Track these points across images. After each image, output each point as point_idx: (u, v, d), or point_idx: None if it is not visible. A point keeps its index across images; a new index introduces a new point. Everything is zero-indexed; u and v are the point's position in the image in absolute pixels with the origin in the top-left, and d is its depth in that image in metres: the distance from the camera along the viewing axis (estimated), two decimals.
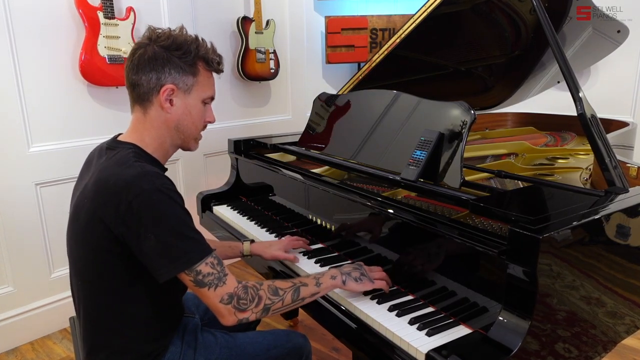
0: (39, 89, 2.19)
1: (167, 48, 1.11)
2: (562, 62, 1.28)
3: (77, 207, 1.11)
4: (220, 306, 1.04)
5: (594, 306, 1.08)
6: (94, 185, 1.06)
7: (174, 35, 1.13)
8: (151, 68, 1.10)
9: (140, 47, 1.12)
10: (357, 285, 1.21)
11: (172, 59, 1.11)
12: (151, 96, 1.13)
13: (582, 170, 1.67)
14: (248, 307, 1.06)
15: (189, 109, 1.16)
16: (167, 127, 1.16)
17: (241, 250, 1.53)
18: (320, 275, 1.20)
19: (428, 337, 1.04)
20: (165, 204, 1.01)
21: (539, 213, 1.02)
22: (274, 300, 1.10)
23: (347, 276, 1.21)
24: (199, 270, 1.02)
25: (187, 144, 1.21)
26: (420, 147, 1.37)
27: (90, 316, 1.13)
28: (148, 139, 1.15)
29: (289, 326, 2.40)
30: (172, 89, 1.12)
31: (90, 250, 1.08)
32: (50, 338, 2.34)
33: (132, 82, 1.13)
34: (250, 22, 2.90)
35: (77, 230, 1.11)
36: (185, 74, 1.13)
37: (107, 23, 2.25)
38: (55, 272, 2.36)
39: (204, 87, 1.17)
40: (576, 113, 1.23)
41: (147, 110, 1.14)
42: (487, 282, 1.06)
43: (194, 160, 2.86)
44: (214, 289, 1.03)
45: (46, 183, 2.26)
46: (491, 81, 2.29)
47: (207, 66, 1.17)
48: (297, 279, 1.17)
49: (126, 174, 1.02)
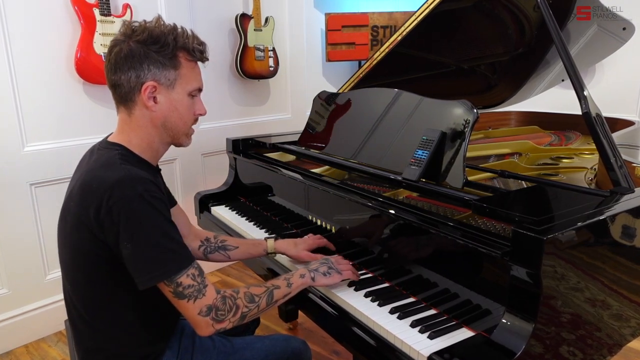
0: (34, 87, 2.19)
1: (144, 43, 1.06)
2: (566, 59, 1.28)
3: (64, 209, 1.11)
4: (199, 318, 1.03)
5: (599, 308, 1.08)
6: (79, 188, 1.05)
7: (149, 28, 1.07)
8: (129, 66, 1.06)
9: (116, 44, 1.08)
10: (326, 279, 1.24)
11: (149, 54, 1.06)
12: (133, 96, 1.09)
13: (587, 170, 1.67)
14: (226, 317, 1.06)
15: (175, 104, 1.12)
16: (154, 126, 1.12)
17: (265, 248, 1.48)
18: (290, 276, 1.21)
19: (430, 340, 1.04)
20: (145, 212, 0.99)
21: (543, 214, 1.02)
22: (250, 307, 1.10)
23: (315, 272, 1.24)
24: (180, 282, 1.00)
25: (177, 140, 1.17)
26: (422, 146, 1.37)
27: (83, 320, 1.12)
28: (135, 140, 1.13)
29: (289, 329, 2.40)
30: (154, 86, 1.08)
31: (78, 254, 1.08)
32: (45, 341, 2.34)
33: (113, 82, 1.10)
34: (249, 19, 2.90)
35: (65, 233, 1.10)
36: (165, 69, 1.08)
37: (103, 20, 2.25)
38: (51, 274, 2.36)
39: (188, 79, 1.12)
40: (581, 112, 1.23)
41: (132, 111, 1.12)
42: (490, 284, 1.06)
43: (192, 160, 2.86)
44: (193, 301, 1.02)
45: (41, 183, 2.26)
46: (494, 79, 2.29)
47: (189, 56, 1.12)
48: (269, 282, 1.18)
49: (109, 177, 1.00)
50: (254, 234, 1.73)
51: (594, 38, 2.12)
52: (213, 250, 1.46)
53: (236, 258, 1.50)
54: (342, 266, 1.29)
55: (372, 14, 3.41)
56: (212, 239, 1.49)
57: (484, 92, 2.37)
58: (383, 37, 3.45)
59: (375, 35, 3.45)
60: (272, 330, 2.39)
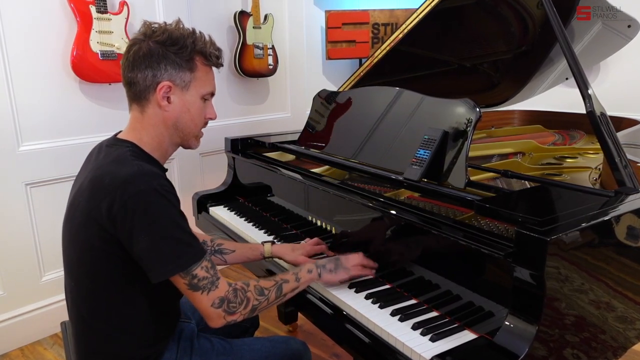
0: (29, 86, 2.19)
1: (163, 43, 1.10)
2: (570, 58, 1.28)
3: (72, 205, 1.12)
4: (211, 310, 1.07)
5: (604, 311, 1.08)
6: (90, 183, 1.07)
7: (169, 30, 1.12)
8: (147, 65, 1.10)
9: (135, 43, 1.12)
10: (332, 276, 1.27)
11: (168, 55, 1.11)
12: (148, 94, 1.13)
13: (591, 170, 1.67)
14: (237, 309, 1.10)
15: (188, 106, 1.16)
16: (166, 126, 1.16)
17: (262, 252, 1.49)
18: (299, 270, 1.25)
19: (432, 343, 1.04)
20: (160, 205, 1.02)
21: (546, 214, 1.02)
22: (261, 300, 1.14)
23: (322, 269, 1.27)
24: (195, 274, 1.04)
25: (187, 142, 1.21)
26: (424, 146, 1.37)
27: (84, 320, 1.13)
28: (146, 138, 1.16)
29: (288, 331, 2.40)
30: (169, 86, 1.12)
31: (84, 251, 1.08)
32: (41, 343, 2.34)
33: (128, 80, 1.13)
34: (248, 16, 2.90)
35: (72, 229, 1.11)
36: (182, 70, 1.12)
37: (99, 17, 2.25)
38: (46, 276, 2.36)
39: (202, 82, 1.16)
40: (585, 111, 1.23)
41: (145, 109, 1.15)
42: (493, 286, 1.06)
43: (190, 160, 2.86)
44: (207, 292, 1.06)
45: (37, 183, 2.26)
46: (497, 78, 2.29)
47: (206, 61, 1.16)
48: (278, 276, 1.22)
49: (122, 172, 1.03)
50: (253, 235, 1.73)
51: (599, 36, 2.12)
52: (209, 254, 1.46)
53: (233, 262, 1.50)
54: (350, 261, 1.30)
55: (373, 11, 3.41)
56: (208, 242, 1.49)
57: (486, 91, 2.37)
58: (384, 34, 3.45)
59: (376, 32, 3.45)
60: (271, 333, 2.39)
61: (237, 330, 1.52)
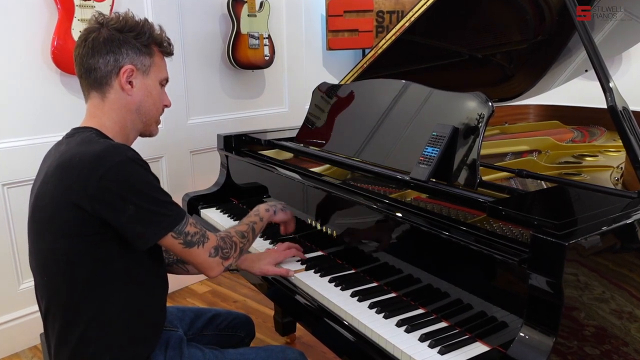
0: (6, 79, 2.19)
1: (121, 30, 1.19)
2: (590, 48, 1.28)
3: (38, 198, 1.15)
4: (210, 260, 1.20)
5: (626, 321, 1.08)
6: (56, 169, 1.11)
7: (125, 18, 1.22)
8: (108, 50, 1.18)
9: (92, 31, 1.19)
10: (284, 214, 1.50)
11: (128, 40, 1.19)
12: (110, 79, 1.20)
13: (613, 169, 1.67)
14: (230, 254, 1.25)
15: (149, 89, 1.25)
16: (129, 110, 1.23)
17: None
18: (257, 212, 1.44)
19: (441, 356, 1.04)
20: (140, 173, 1.10)
21: (564, 217, 1.02)
22: (244, 242, 1.31)
23: (274, 207, 1.48)
24: (187, 232, 1.15)
25: (148, 127, 1.30)
26: (432, 143, 1.37)
27: (59, 322, 1.14)
28: (108, 123, 1.22)
29: (286, 343, 2.40)
30: (132, 69, 1.20)
31: (57, 238, 1.11)
32: (19, 356, 2.34)
33: (88, 66, 1.19)
34: (242, 3, 2.90)
35: (42, 222, 1.15)
36: (142, 55, 1.22)
37: (82, 5, 2.25)
38: (25, 283, 2.36)
39: (160, 68, 1.27)
40: (606, 105, 1.23)
41: (106, 95, 1.21)
42: (506, 294, 1.06)
43: (180, 158, 2.86)
44: (202, 245, 1.18)
45: (15, 183, 2.26)
46: (511, 70, 2.29)
47: (160, 48, 1.27)
48: (245, 219, 1.39)
49: (91, 150, 1.09)
50: None
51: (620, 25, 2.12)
52: (170, 264, 1.49)
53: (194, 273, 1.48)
54: None
55: None
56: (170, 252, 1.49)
57: (499, 84, 2.37)
58: (389, 23, 3.45)
59: (380, 21, 3.46)
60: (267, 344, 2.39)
61: (232, 340, 1.52)
